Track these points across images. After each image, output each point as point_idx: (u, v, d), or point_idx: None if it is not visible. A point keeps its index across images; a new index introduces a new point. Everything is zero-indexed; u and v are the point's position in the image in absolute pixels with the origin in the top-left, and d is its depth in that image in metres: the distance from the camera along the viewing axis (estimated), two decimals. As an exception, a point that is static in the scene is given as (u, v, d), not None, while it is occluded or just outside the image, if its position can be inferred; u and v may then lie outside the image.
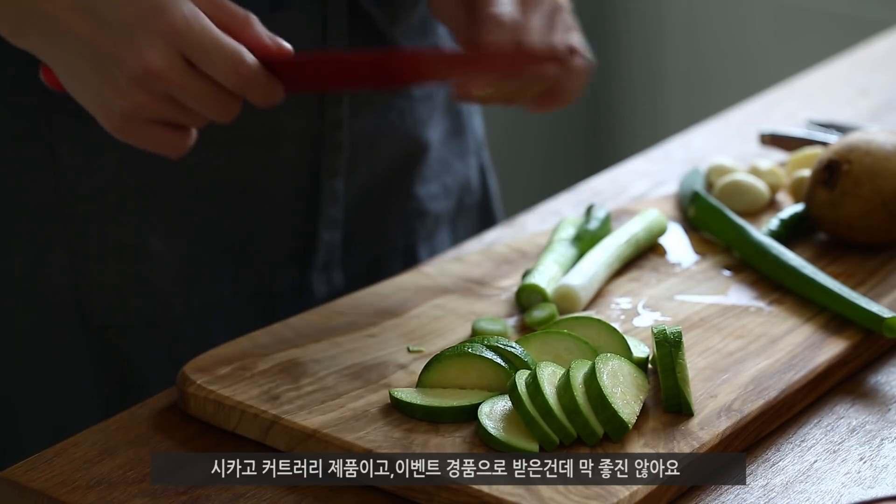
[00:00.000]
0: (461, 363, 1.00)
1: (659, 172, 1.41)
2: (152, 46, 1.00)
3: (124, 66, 1.00)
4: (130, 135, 1.03)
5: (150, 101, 1.02)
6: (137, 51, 1.00)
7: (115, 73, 1.01)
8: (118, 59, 1.01)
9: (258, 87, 1.03)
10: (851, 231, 1.21)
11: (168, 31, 1.01)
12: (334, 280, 1.29)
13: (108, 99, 1.02)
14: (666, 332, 1.00)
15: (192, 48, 1.01)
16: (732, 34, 2.97)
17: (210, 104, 1.03)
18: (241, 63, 1.02)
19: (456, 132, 1.38)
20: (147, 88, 1.01)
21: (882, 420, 1.02)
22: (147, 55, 1.00)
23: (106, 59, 1.01)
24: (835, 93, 1.65)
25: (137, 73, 1.00)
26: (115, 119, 1.03)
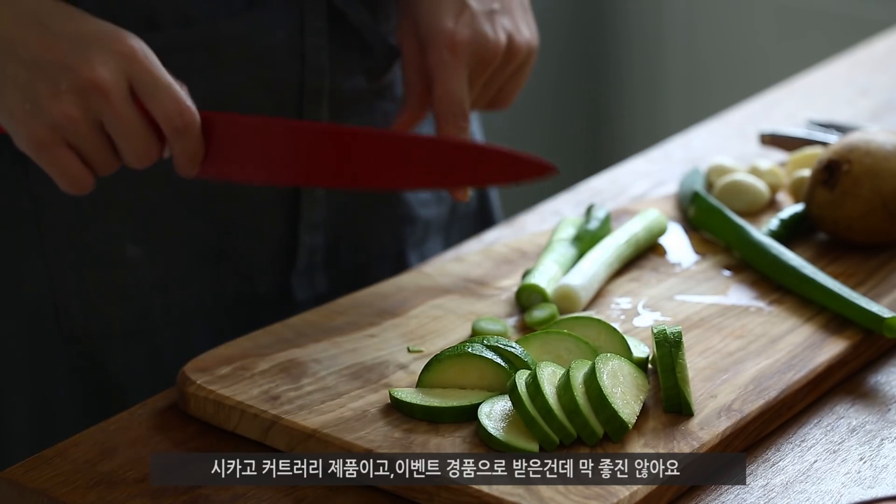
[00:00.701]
0: (461, 363, 1.00)
1: (659, 172, 1.41)
2: (104, 63, 1.02)
3: (70, 74, 1.01)
4: (45, 152, 1.03)
5: (81, 119, 1.02)
6: (89, 62, 1.01)
7: (58, 81, 1.01)
8: (66, 67, 1.01)
9: (189, 138, 1.05)
10: (851, 231, 1.21)
11: (123, 54, 1.02)
12: (317, 284, 1.28)
13: (40, 107, 1.02)
14: (666, 332, 1.00)
15: (142, 77, 1.02)
16: (732, 34, 2.97)
17: (134, 139, 1.04)
18: (185, 107, 1.04)
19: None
20: (84, 103, 1.02)
21: (882, 420, 1.02)
22: (97, 68, 1.01)
23: (50, 67, 1.02)
24: (835, 93, 1.65)
25: (83, 83, 1.01)
26: (38, 130, 1.03)
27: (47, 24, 1.02)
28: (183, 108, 1.04)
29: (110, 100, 1.02)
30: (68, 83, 1.01)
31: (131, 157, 1.05)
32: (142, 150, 1.04)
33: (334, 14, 1.21)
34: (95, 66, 1.01)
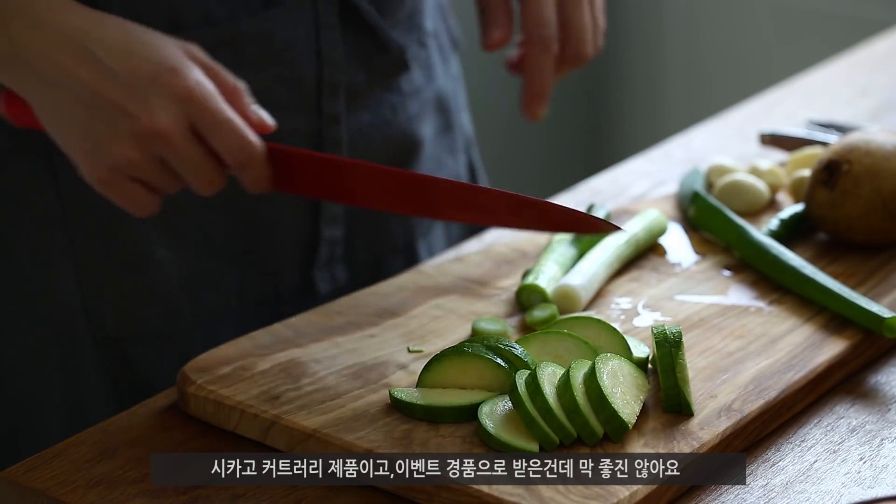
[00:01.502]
0: (461, 363, 1.00)
1: (659, 172, 1.41)
2: (164, 108, 1.01)
3: (131, 121, 1.00)
4: (109, 187, 1.04)
5: (143, 160, 1.02)
6: (148, 109, 1.00)
7: (118, 126, 1.01)
8: (126, 113, 1.01)
9: (255, 170, 1.05)
10: (851, 231, 1.21)
11: (181, 96, 1.01)
12: (338, 277, 1.29)
13: (100, 148, 1.02)
14: (666, 332, 1.00)
15: (202, 117, 1.02)
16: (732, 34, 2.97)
17: (201, 175, 1.04)
18: (247, 141, 1.03)
19: (445, 129, 1.38)
20: (145, 147, 1.01)
21: (882, 420, 1.02)
22: (157, 115, 1.00)
23: (108, 109, 1.01)
24: (835, 93, 1.65)
25: (143, 130, 1.01)
26: (100, 169, 1.03)
27: (103, 59, 1.01)
28: (244, 142, 1.03)
29: (172, 144, 1.01)
30: (128, 129, 1.01)
31: (199, 189, 1.05)
32: (207, 182, 1.05)
33: (346, 9, 1.22)
34: (155, 113, 1.00)
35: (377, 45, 1.26)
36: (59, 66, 1.01)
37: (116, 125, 1.01)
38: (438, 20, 1.37)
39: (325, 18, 1.22)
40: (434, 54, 1.35)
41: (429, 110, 1.35)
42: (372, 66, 1.26)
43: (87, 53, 1.01)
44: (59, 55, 1.01)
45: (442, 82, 1.37)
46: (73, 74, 1.01)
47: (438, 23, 1.37)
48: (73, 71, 1.01)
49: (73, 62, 1.01)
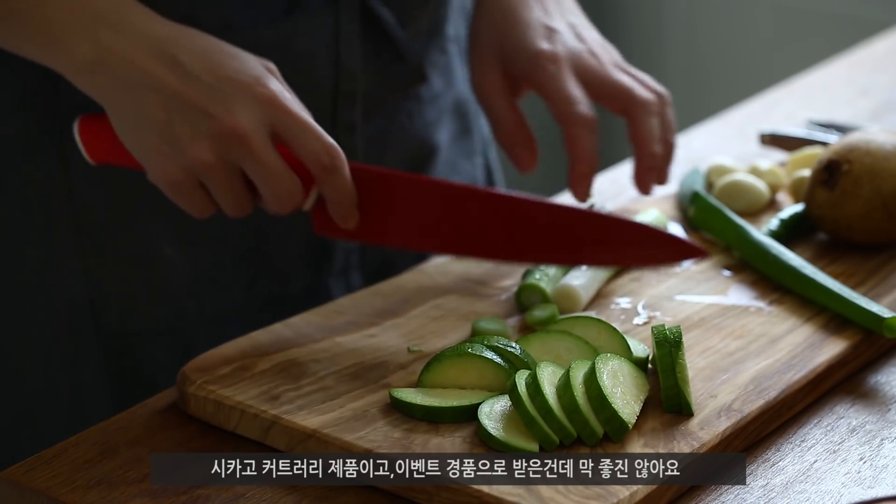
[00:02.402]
0: (461, 363, 1.00)
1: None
2: (246, 109, 1.02)
3: (212, 122, 1.01)
4: (178, 190, 1.04)
5: (219, 164, 1.02)
6: (230, 110, 1.01)
7: (198, 126, 1.02)
8: (207, 114, 1.01)
9: (339, 178, 1.05)
10: (851, 231, 1.21)
11: (265, 101, 1.02)
12: (353, 284, 1.28)
13: (178, 149, 1.02)
14: (666, 332, 1.00)
15: (285, 122, 1.03)
16: (732, 34, 2.97)
17: (278, 184, 1.04)
18: (330, 145, 1.04)
19: (463, 133, 1.38)
20: (224, 149, 1.02)
21: (882, 420, 1.02)
22: (239, 116, 1.01)
23: (189, 111, 1.02)
24: (835, 93, 1.65)
25: (224, 131, 1.01)
26: (174, 170, 1.03)
27: (185, 62, 1.03)
28: (328, 146, 1.04)
29: (252, 148, 1.02)
30: (208, 129, 1.02)
31: (274, 201, 1.05)
32: (285, 195, 1.05)
33: (368, 18, 1.22)
34: (236, 115, 1.01)
35: (396, 56, 1.26)
36: (143, 69, 1.02)
37: (197, 125, 1.02)
38: (460, 24, 1.37)
39: (347, 27, 1.21)
40: (454, 59, 1.35)
41: (447, 116, 1.35)
42: (389, 76, 1.26)
43: (171, 58, 1.03)
44: (144, 59, 1.03)
45: (462, 86, 1.36)
46: (156, 77, 1.02)
47: (460, 26, 1.37)
48: (157, 74, 1.02)
49: (156, 66, 1.02)
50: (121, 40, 1.03)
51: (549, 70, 1.17)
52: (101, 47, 1.03)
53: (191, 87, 1.02)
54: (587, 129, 1.16)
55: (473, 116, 1.40)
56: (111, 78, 1.03)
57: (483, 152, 1.42)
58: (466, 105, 1.38)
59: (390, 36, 1.24)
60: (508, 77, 1.22)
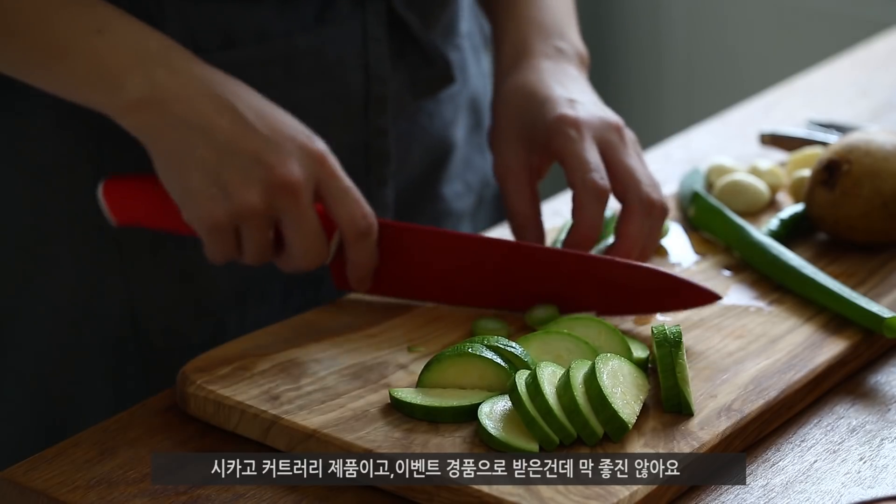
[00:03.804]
0: (461, 363, 1.00)
1: (659, 172, 1.41)
2: (299, 163, 1.05)
3: (265, 170, 1.04)
4: (216, 232, 1.06)
5: (263, 213, 1.05)
6: (284, 161, 1.04)
7: (250, 172, 1.04)
8: (259, 161, 1.04)
9: (368, 244, 1.08)
10: (851, 231, 1.21)
11: (315, 157, 1.06)
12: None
13: (226, 193, 1.04)
14: (666, 332, 1.00)
15: (330, 181, 1.06)
16: (732, 34, 2.97)
17: (310, 240, 1.07)
18: (368, 212, 1.08)
19: (476, 128, 1.38)
20: (270, 198, 1.05)
21: (882, 420, 1.02)
22: (291, 167, 1.04)
23: (242, 157, 1.04)
24: (835, 93, 1.65)
25: (275, 179, 1.04)
26: (218, 214, 1.05)
27: (242, 112, 1.05)
28: (366, 212, 1.08)
29: (298, 199, 1.05)
30: (260, 177, 1.04)
31: (301, 257, 1.08)
32: (314, 252, 1.07)
33: (394, 22, 1.23)
34: (289, 165, 1.04)
35: (423, 59, 1.26)
36: (199, 111, 1.05)
37: (248, 172, 1.04)
38: (472, 20, 1.37)
39: (373, 32, 1.22)
40: (468, 55, 1.35)
41: (462, 112, 1.35)
42: (417, 79, 1.26)
43: (227, 104, 1.05)
44: (199, 101, 1.05)
45: (475, 82, 1.37)
46: (211, 121, 1.05)
47: (472, 23, 1.37)
48: (212, 118, 1.05)
49: (212, 109, 1.05)
50: (177, 80, 1.05)
51: (569, 134, 1.13)
52: (156, 85, 1.05)
53: (244, 135, 1.05)
54: (597, 199, 1.11)
55: (485, 110, 1.39)
56: (163, 116, 1.05)
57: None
58: (479, 100, 1.38)
59: (416, 39, 1.24)
60: (530, 154, 1.17)
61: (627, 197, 1.13)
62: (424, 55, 1.26)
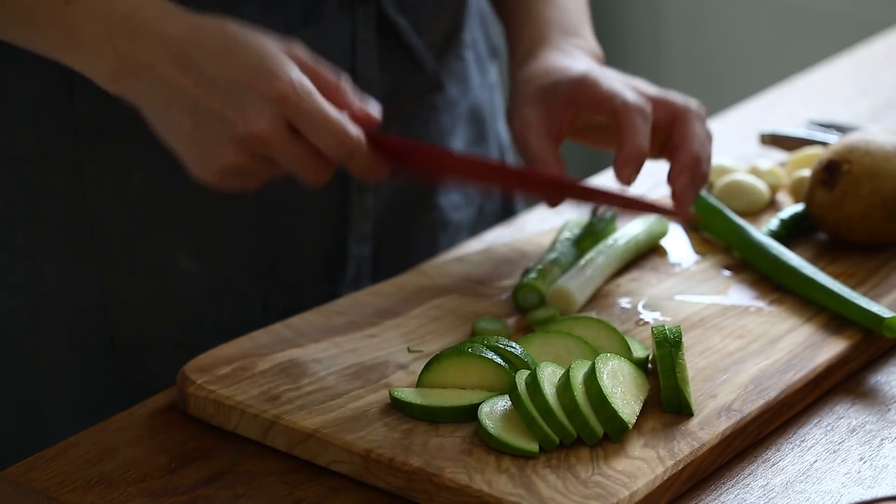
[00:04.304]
0: (461, 363, 1.00)
1: (659, 172, 1.41)
2: (259, 112, 1.02)
3: (229, 127, 1.02)
4: (220, 184, 1.06)
5: (248, 161, 1.04)
6: (244, 114, 1.02)
7: (219, 132, 1.03)
8: (223, 119, 1.02)
9: (360, 160, 1.06)
10: (851, 231, 1.21)
11: (276, 98, 1.02)
12: None
13: (206, 154, 1.04)
14: (666, 332, 1.00)
15: (298, 117, 1.03)
16: (732, 34, 2.97)
17: (306, 169, 1.05)
18: (346, 135, 1.04)
19: (479, 140, 1.38)
20: (247, 150, 1.03)
21: (882, 420, 1.02)
22: (253, 120, 1.02)
23: (210, 117, 1.03)
24: (835, 93, 1.65)
25: (242, 135, 1.02)
26: (208, 172, 1.05)
27: (200, 65, 1.03)
28: (343, 136, 1.04)
29: (271, 145, 1.03)
30: (229, 135, 1.03)
31: (307, 180, 1.06)
32: (316, 174, 1.06)
33: (384, 25, 1.22)
34: (250, 119, 1.02)
35: (412, 64, 1.25)
36: (163, 75, 1.03)
37: (218, 132, 1.03)
38: (477, 29, 1.36)
39: (363, 34, 1.21)
40: (471, 65, 1.34)
41: (461, 123, 1.34)
42: (405, 84, 1.26)
43: (188, 61, 1.03)
44: (162, 65, 1.03)
45: (478, 93, 1.36)
46: (176, 84, 1.03)
47: (477, 32, 1.36)
48: (176, 80, 1.03)
49: (175, 71, 1.03)
50: (138, 48, 1.03)
51: (597, 81, 1.13)
52: (120, 56, 1.03)
53: (208, 92, 1.03)
54: (639, 114, 1.11)
55: (490, 122, 1.39)
56: (136, 85, 1.04)
57: (500, 158, 1.42)
58: (482, 111, 1.37)
59: (406, 44, 1.24)
60: (550, 113, 1.16)
61: (675, 107, 1.14)
62: (414, 61, 1.25)
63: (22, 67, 1.16)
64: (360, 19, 1.21)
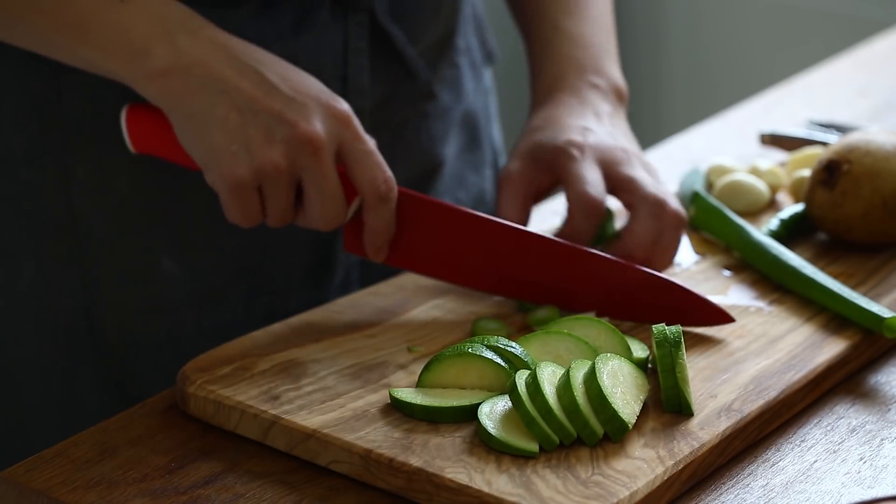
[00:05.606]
0: (461, 363, 1.00)
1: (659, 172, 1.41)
2: (321, 121, 1.05)
3: (288, 128, 1.04)
4: (239, 191, 1.06)
5: (285, 170, 1.05)
6: (307, 118, 1.04)
7: (272, 130, 1.04)
8: (283, 120, 1.04)
9: (388, 208, 1.08)
10: (851, 231, 1.21)
11: (339, 118, 1.06)
12: None
13: (249, 151, 1.04)
14: (666, 332, 1.00)
15: (353, 143, 1.06)
16: (732, 34, 2.97)
17: (330, 200, 1.06)
18: (389, 176, 1.08)
19: (472, 146, 1.37)
20: (293, 156, 1.05)
21: (882, 420, 1.02)
22: (314, 124, 1.05)
23: (265, 115, 1.04)
24: (835, 93, 1.65)
25: (298, 137, 1.04)
26: (241, 171, 1.05)
27: (265, 74, 1.05)
28: (388, 176, 1.08)
29: (320, 157, 1.05)
30: (283, 134, 1.04)
31: (319, 216, 1.07)
32: (332, 213, 1.07)
33: (376, 33, 1.22)
34: (312, 123, 1.04)
35: (404, 73, 1.25)
36: (222, 74, 1.05)
37: (271, 130, 1.04)
38: (472, 35, 1.36)
39: (355, 43, 1.21)
40: (465, 72, 1.34)
41: (454, 129, 1.34)
42: (397, 93, 1.25)
43: (249, 68, 1.05)
44: (222, 65, 1.05)
45: (471, 99, 1.36)
46: (233, 83, 1.05)
47: (472, 38, 1.36)
48: (234, 80, 1.05)
49: (234, 73, 1.05)
50: (200, 47, 1.05)
51: (572, 153, 1.15)
52: (180, 51, 1.05)
53: (268, 95, 1.05)
54: (586, 211, 1.12)
55: (483, 128, 1.39)
56: (187, 81, 1.05)
57: (494, 164, 1.42)
58: (476, 117, 1.37)
59: (399, 52, 1.24)
60: (534, 170, 1.17)
61: (632, 198, 1.14)
62: (406, 69, 1.25)
63: (10, 70, 1.16)
64: (353, 28, 1.20)
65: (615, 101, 1.23)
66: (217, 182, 1.07)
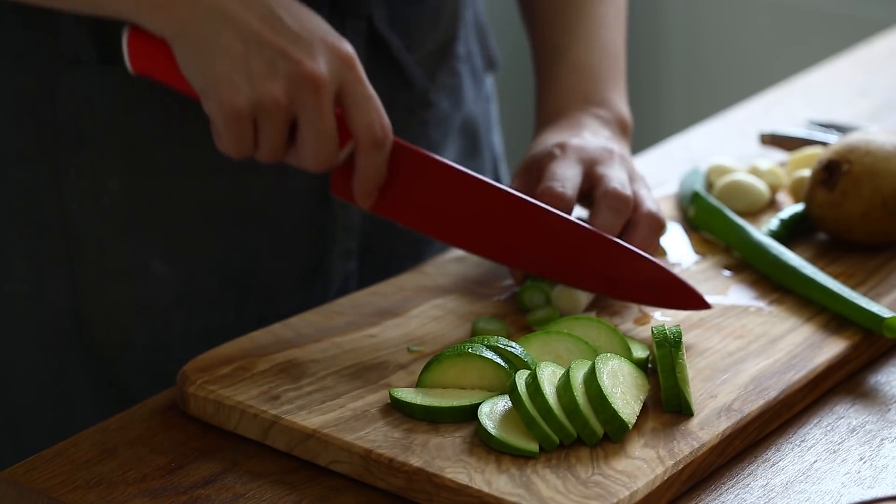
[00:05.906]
0: (461, 363, 1.00)
1: (659, 172, 1.41)
2: (325, 61, 1.04)
3: (291, 64, 1.03)
4: (234, 122, 1.05)
5: (284, 105, 1.04)
6: (311, 56, 1.04)
7: (275, 64, 1.03)
8: (286, 54, 1.04)
9: (381, 155, 1.07)
10: (851, 231, 1.21)
11: (343, 59, 1.05)
12: None
13: (250, 83, 1.04)
14: (666, 332, 1.00)
15: (354, 85, 1.06)
16: (732, 34, 2.97)
17: (324, 140, 1.06)
18: (386, 122, 1.07)
19: (471, 153, 1.37)
20: (294, 91, 1.04)
21: (882, 420, 1.02)
22: (318, 63, 1.04)
23: (269, 49, 1.04)
24: (835, 93, 1.65)
25: (300, 73, 1.03)
26: (239, 102, 1.04)
27: (273, 9, 1.05)
28: (385, 122, 1.07)
29: (319, 96, 1.04)
30: (285, 70, 1.04)
31: (311, 156, 1.06)
32: (324, 153, 1.06)
33: (374, 41, 1.22)
34: (316, 61, 1.04)
35: (402, 80, 1.25)
36: (229, 4, 1.04)
37: (274, 64, 1.04)
38: (473, 41, 1.35)
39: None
40: (465, 79, 1.34)
41: (453, 136, 1.34)
42: (394, 100, 1.25)
43: (258, 3, 1.05)
44: (230, 4, 1.04)
45: (471, 106, 1.35)
46: (238, 16, 1.04)
47: (473, 44, 1.35)
48: (240, 13, 1.04)
49: (240, 7, 1.04)
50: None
51: (553, 154, 1.15)
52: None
53: (273, 30, 1.04)
54: (549, 199, 1.11)
55: (484, 136, 1.38)
56: (192, 10, 1.04)
57: (493, 170, 1.42)
58: (475, 124, 1.36)
59: (396, 60, 1.24)
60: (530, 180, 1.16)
61: (597, 193, 1.13)
62: (403, 77, 1.25)
63: (2, 70, 1.16)
64: (350, 35, 1.20)
65: (618, 133, 1.22)
66: (214, 110, 1.06)
